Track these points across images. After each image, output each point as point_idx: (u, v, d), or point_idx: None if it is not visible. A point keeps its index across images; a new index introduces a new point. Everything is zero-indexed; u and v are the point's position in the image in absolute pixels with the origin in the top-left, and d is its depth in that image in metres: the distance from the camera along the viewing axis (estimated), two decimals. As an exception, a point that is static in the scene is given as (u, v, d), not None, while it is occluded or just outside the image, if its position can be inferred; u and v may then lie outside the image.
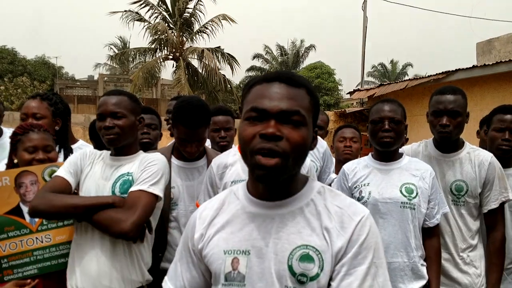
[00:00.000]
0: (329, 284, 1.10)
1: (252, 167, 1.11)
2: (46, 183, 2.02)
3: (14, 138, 2.26)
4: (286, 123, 1.09)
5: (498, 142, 2.63)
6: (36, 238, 2.10)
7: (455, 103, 2.34)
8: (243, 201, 1.22)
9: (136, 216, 1.85)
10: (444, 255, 2.35)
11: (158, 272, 2.12)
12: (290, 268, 1.10)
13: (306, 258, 1.10)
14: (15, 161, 2.27)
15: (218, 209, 1.24)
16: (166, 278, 1.32)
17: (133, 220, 1.83)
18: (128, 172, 2.03)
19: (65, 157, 2.62)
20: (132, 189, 1.95)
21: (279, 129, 1.08)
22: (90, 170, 2.07)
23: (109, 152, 2.14)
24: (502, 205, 2.42)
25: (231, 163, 2.12)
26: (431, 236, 2.24)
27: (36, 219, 2.10)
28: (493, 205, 2.39)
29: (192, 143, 2.35)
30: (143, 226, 1.93)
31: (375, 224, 1.17)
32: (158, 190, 1.97)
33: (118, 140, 2.03)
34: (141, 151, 2.17)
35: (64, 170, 2.04)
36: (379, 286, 1.10)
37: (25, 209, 2.10)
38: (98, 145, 2.98)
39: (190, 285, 1.25)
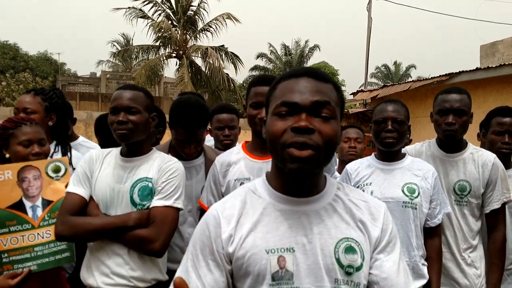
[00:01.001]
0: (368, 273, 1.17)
1: (284, 160, 1.09)
2: (62, 204, 1.99)
3: (5, 132, 2.19)
4: (317, 116, 1.10)
5: (498, 145, 2.65)
6: (38, 234, 2.08)
7: (461, 102, 2.36)
8: (269, 198, 1.20)
9: (166, 235, 1.91)
10: (446, 255, 2.37)
11: None
12: (338, 261, 1.12)
13: (350, 250, 1.14)
14: (7, 155, 2.23)
15: (242, 209, 1.19)
16: None
17: (164, 239, 1.90)
18: (146, 178, 1.98)
19: (63, 154, 2.57)
20: (157, 203, 1.94)
21: (311, 122, 1.08)
22: (99, 172, 2.03)
23: (118, 150, 2.09)
24: (503, 205, 2.44)
25: (235, 161, 2.11)
26: (433, 236, 2.25)
27: (39, 214, 2.08)
28: (495, 205, 2.41)
29: (190, 144, 2.33)
30: None
31: None
32: (181, 204, 2.00)
33: (131, 136, 1.98)
34: (154, 150, 2.12)
35: (74, 184, 2.01)
36: (404, 268, 1.20)
37: (27, 203, 2.08)
38: (104, 141, 2.96)
39: None
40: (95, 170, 2.04)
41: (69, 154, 2.58)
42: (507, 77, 7.95)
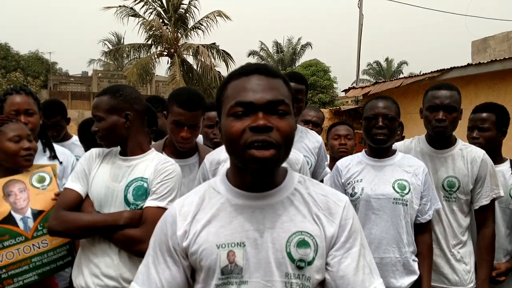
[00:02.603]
0: (326, 269, 1.17)
1: (244, 162, 1.10)
2: (58, 199, 2.01)
3: None
4: (273, 114, 1.10)
5: (470, 141, 2.65)
6: (33, 244, 2.05)
7: (451, 98, 2.36)
8: (227, 194, 1.21)
9: None
10: (435, 251, 2.36)
11: None
12: (289, 255, 1.13)
13: (302, 244, 1.14)
14: None
15: (199, 205, 1.22)
16: (133, 284, 1.24)
17: None
18: (142, 177, 1.96)
19: (50, 152, 2.58)
20: (150, 203, 1.91)
21: (268, 120, 1.09)
22: (97, 170, 2.02)
23: (119, 149, 2.09)
24: (492, 201, 2.44)
25: (224, 159, 2.11)
26: (423, 232, 2.25)
27: (31, 225, 2.06)
28: (484, 201, 2.41)
29: (186, 128, 2.29)
30: None
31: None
32: None
33: (105, 143, 2.02)
34: (153, 150, 2.10)
35: (72, 181, 2.02)
36: (368, 264, 1.18)
37: (17, 216, 2.04)
38: (88, 147, 2.93)
39: (169, 286, 1.19)
40: (93, 168, 2.03)
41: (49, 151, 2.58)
42: (498, 72, 7.97)
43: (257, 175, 1.14)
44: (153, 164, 1.99)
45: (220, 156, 2.14)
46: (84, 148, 3.06)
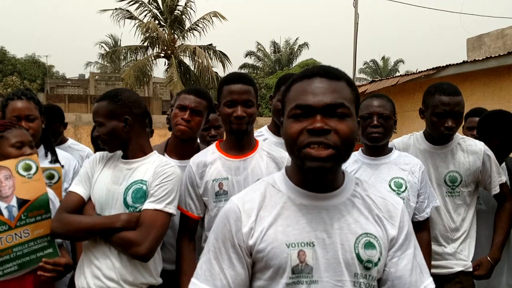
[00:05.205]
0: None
1: (302, 160, 1.12)
2: (61, 202, 2.04)
3: None
4: (332, 116, 1.12)
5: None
6: (15, 234, 2.00)
7: (460, 105, 2.34)
8: (289, 193, 1.22)
9: (152, 240, 1.88)
10: (434, 247, 2.36)
11: None
12: (358, 256, 1.16)
13: (369, 245, 1.18)
14: None
15: (261, 202, 1.22)
16: (194, 280, 1.22)
17: (150, 244, 1.87)
18: (141, 180, 1.97)
19: (52, 156, 2.59)
20: (147, 206, 1.92)
21: (326, 123, 1.10)
22: (100, 174, 2.04)
23: (121, 153, 2.10)
24: (503, 185, 2.50)
25: (211, 161, 2.10)
26: (421, 230, 2.24)
27: (15, 214, 2.02)
28: (494, 191, 2.47)
29: (189, 111, 2.29)
30: None
31: None
32: (174, 209, 1.98)
33: (107, 147, 2.05)
34: (154, 152, 2.10)
35: (75, 184, 2.06)
36: (418, 264, 1.23)
37: (2, 204, 2.00)
38: (97, 149, 2.96)
39: (234, 283, 1.18)
40: (96, 171, 2.06)
41: (51, 156, 2.58)
42: (493, 69, 7.97)
43: (314, 174, 1.15)
44: (153, 166, 2.00)
45: (206, 158, 2.12)
46: (94, 150, 3.13)
